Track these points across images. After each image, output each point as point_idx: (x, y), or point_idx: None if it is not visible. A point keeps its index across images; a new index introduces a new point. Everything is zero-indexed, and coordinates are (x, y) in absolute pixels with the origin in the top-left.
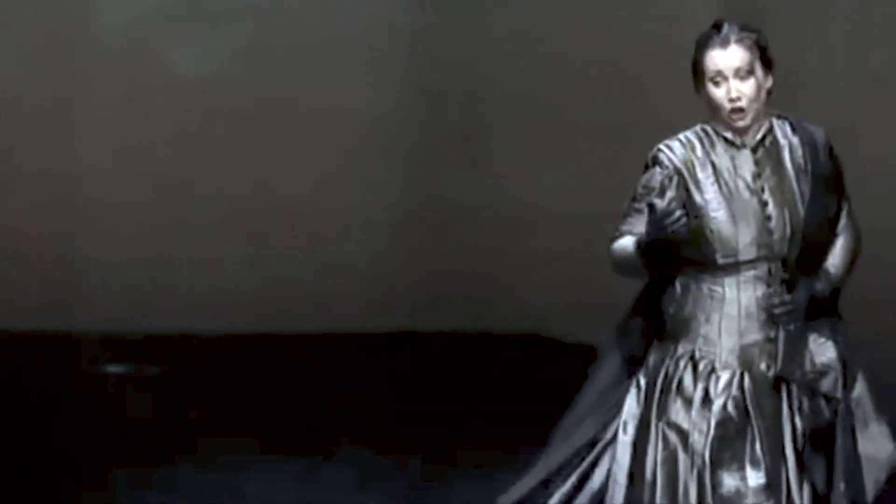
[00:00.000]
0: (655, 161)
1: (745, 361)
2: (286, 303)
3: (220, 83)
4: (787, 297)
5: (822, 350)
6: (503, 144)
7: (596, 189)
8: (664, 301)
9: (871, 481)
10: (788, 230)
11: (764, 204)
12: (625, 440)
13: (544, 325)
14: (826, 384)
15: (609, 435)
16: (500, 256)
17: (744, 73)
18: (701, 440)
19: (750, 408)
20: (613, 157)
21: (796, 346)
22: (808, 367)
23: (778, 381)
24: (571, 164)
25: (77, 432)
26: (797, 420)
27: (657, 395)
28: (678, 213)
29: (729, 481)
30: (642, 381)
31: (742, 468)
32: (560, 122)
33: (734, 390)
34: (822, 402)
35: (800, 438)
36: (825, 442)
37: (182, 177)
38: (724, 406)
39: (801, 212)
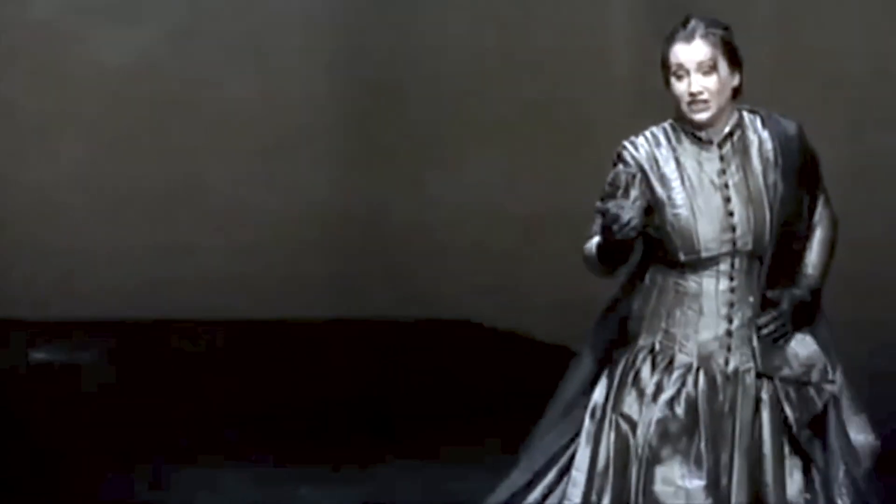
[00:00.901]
0: (620, 158)
1: (703, 356)
2: (205, 290)
3: (146, 71)
4: (773, 314)
5: (803, 345)
6: (427, 139)
7: (517, 183)
8: (633, 296)
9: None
10: (753, 226)
11: (727, 200)
12: (589, 429)
13: (464, 315)
14: (815, 375)
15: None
16: (422, 250)
17: (706, 68)
18: (644, 434)
19: (700, 406)
20: (537, 152)
21: (774, 343)
22: (794, 363)
23: (738, 376)
24: (495, 159)
25: None
26: (788, 410)
27: (615, 386)
28: (625, 218)
29: (665, 478)
30: (608, 373)
31: (682, 466)
32: (484, 117)
33: (688, 387)
34: (812, 392)
35: (793, 426)
36: (818, 430)
37: (104, 163)
38: (671, 402)
39: (768, 207)
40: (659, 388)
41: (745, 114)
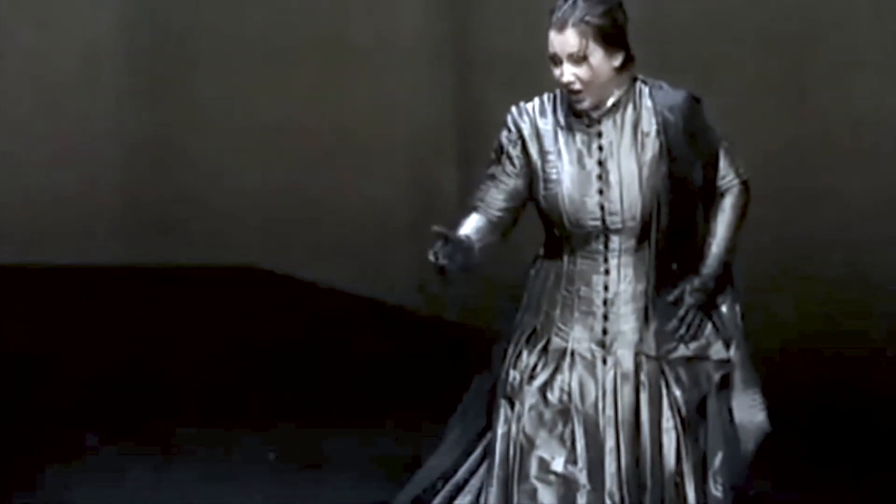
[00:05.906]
0: (505, 123)
1: (579, 339)
2: None
3: None
4: (680, 315)
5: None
6: (217, 75)
7: (311, 121)
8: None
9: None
10: (626, 205)
11: (599, 177)
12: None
13: (255, 259)
14: (711, 352)
15: None
16: (212, 190)
17: (577, 58)
18: (519, 421)
19: (574, 391)
20: (326, 85)
21: (664, 326)
22: (689, 342)
23: (616, 359)
24: (284, 95)
25: None
26: (677, 391)
27: (503, 371)
28: (449, 265)
29: (541, 465)
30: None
31: (559, 453)
32: (272, 50)
33: (563, 372)
34: (706, 370)
35: (682, 408)
36: (702, 412)
37: None
38: (543, 388)
39: (644, 186)
40: (533, 372)
41: (637, 84)
